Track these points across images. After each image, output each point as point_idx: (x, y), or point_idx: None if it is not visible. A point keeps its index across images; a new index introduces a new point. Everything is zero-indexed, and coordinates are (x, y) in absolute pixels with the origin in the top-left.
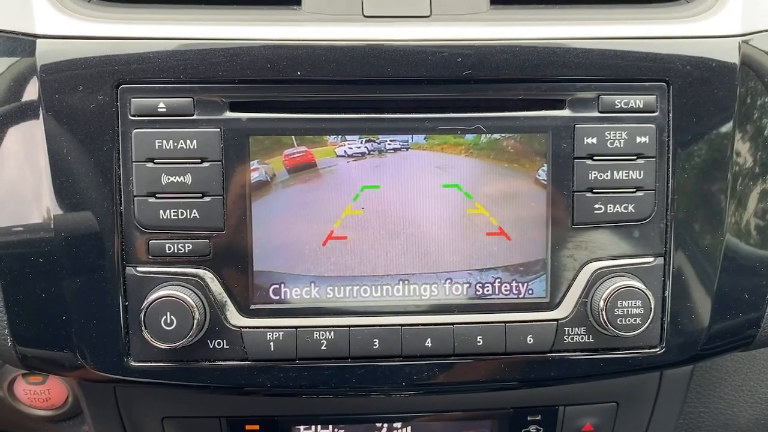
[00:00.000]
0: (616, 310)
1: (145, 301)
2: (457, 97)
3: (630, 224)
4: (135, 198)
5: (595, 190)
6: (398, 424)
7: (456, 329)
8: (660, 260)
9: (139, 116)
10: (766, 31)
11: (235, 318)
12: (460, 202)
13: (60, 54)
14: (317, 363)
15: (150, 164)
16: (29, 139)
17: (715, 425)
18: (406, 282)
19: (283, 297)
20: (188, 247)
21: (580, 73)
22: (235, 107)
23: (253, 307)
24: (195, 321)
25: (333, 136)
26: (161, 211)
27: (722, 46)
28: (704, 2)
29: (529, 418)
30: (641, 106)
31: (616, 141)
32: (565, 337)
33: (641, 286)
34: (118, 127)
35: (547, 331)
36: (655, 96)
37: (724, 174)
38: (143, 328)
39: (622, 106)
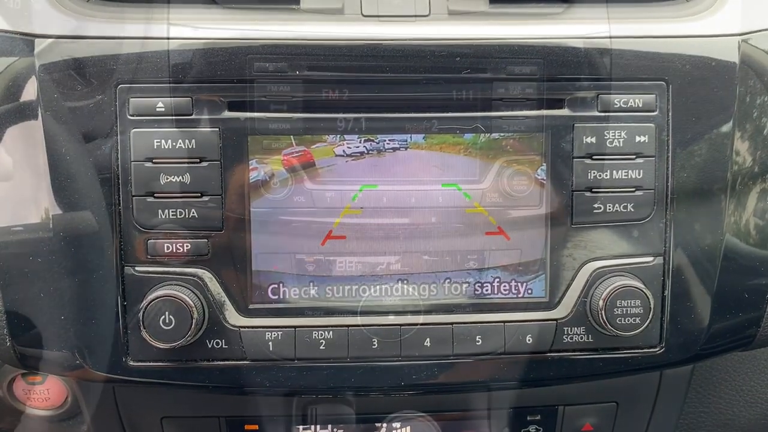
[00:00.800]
0: (615, 309)
1: (144, 301)
2: (455, 96)
3: (629, 224)
4: (133, 198)
5: (594, 190)
6: (397, 424)
7: (455, 329)
8: (659, 260)
9: (137, 116)
10: (765, 30)
11: (233, 318)
12: (459, 202)
13: (58, 53)
14: (316, 363)
15: (148, 164)
16: (28, 139)
17: (715, 425)
18: (405, 281)
19: (281, 297)
20: (187, 246)
21: (579, 72)
22: (233, 107)
23: (251, 306)
24: (194, 321)
25: (332, 136)
26: (160, 211)
27: (722, 45)
28: (704, 1)
29: (528, 418)
30: (640, 105)
31: (615, 140)
32: (564, 337)
33: (640, 285)
34: (116, 126)
35: (547, 330)
36: (654, 95)
37: (724, 173)
38: (142, 327)
39: (622, 105)
